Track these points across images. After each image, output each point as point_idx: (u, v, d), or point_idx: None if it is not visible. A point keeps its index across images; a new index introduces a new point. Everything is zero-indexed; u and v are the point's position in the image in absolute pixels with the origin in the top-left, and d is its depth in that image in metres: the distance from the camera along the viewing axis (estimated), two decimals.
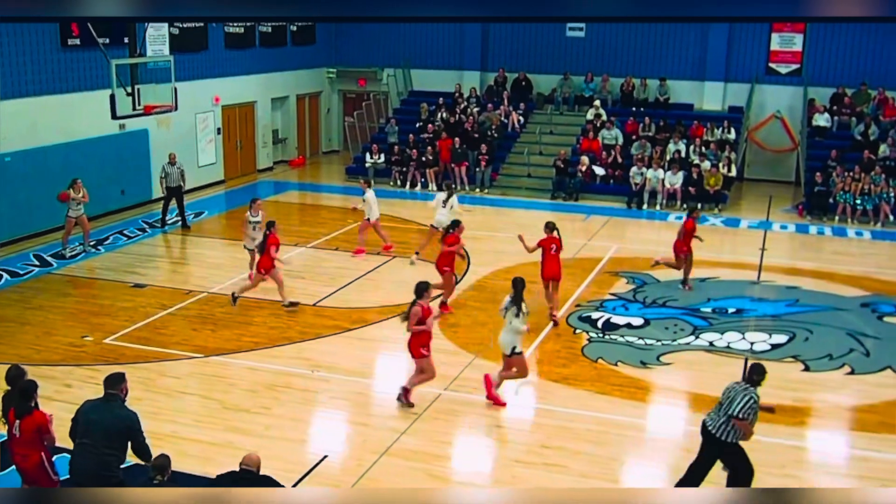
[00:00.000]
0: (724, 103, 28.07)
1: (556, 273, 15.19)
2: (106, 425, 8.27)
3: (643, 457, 10.99)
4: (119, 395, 8.47)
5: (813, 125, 26.35)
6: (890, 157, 24.53)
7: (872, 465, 10.77)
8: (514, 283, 12.07)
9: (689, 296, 16.67)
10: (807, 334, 14.96)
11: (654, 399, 12.62)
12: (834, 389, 12.92)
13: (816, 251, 20.73)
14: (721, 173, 24.51)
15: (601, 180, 25.49)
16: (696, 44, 28.04)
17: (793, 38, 27.35)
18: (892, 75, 26.36)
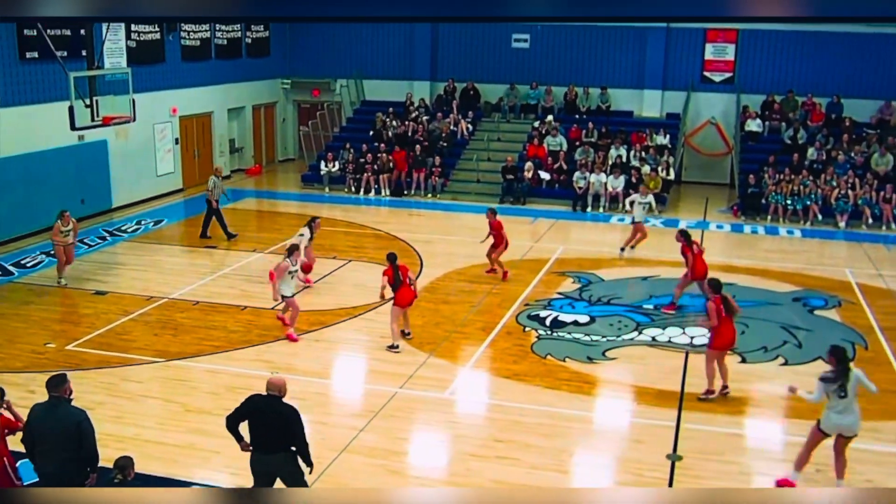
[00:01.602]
0: (662, 110, 28.41)
1: (704, 271, 15.91)
2: (57, 429, 8.07)
3: (591, 448, 11.09)
4: (63, 396, 8.25)
5: (745, 130, 26.79)
6: (817, 159, 25.02)
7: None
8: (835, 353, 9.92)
9: (632, 293, 16.84)
10: (743, 328, 15.15)
11: (601, 392, 12.73)
12: (769, 380, 13.12)
13: (751, 249, 21.06)
14: (660, 177, 24.81)
15: (547, 185, 25.65)
16: (635, 53, 28.35)
17: (725, 47, 27.78)
18: (818, 82, 26.91)
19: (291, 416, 8.39)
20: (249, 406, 8.53)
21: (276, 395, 8.43)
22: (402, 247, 19.99)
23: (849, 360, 9.95)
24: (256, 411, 8.44)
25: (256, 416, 8.44)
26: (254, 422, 8.46)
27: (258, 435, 8.45)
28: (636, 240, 19.75)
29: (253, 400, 8.58)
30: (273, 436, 8.38)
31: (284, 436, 8.37)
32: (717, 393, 12.29)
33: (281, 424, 8.36)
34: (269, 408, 8.38)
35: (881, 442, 11.23)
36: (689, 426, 11.45)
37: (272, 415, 8.37)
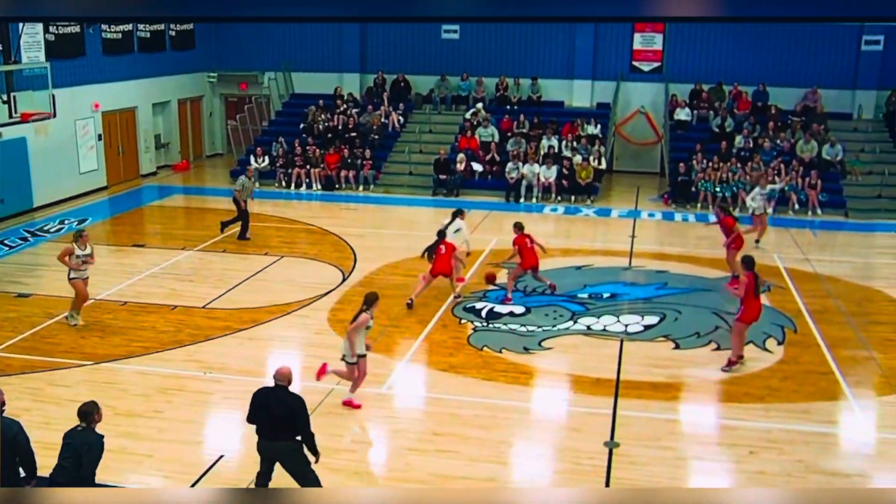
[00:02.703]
0: (593, 100, 28.74)
1: (535, 262, 15.94)
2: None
3: (530, 438, 11.18)
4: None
5: (674, 119, 27.26)
6: (745, 147, 25.58)
7: (740, 433, 11.22)
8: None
9: (566, 283, 17.02)
10: (676, 314, 15.48)
11: (538, 382, 12.85)
12: (702, 365, 13.40)
13: (682, 237, 21.45)
14: (592, 166, 25.11)
15: (479, 176, 25.76)
16: (565, 44, 28.61)
17: (653, 37, 28.21)
18: (744, 72, 27.50)
19: (297, 405, 8.65)
20: (259, 398, 8.83)
21: (282, 385, 8.73)
22: (334, 241, 19.91)
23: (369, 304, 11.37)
24: (263, 401, 8.75)
25: (264, 405, 8.73)
26: (260, 411, 8.75)
27: (264, 423, 8.72)
28: (759, 232, 19.91)
29: (261, 391, 8.89)
30: (278, 424, 8.65)
31: (289, 425, 8.65)
32: (739, 363, 13.04)
33: (286, 414, 8.62)
34: (276, 397, 8.70)
35: (810, 422, 11.56)
36: (625, 413, 11.63)
37: (278, 404, 8.66)
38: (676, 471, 10.31)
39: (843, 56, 27.27)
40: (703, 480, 10.27)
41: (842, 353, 13.85)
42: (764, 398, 12.21)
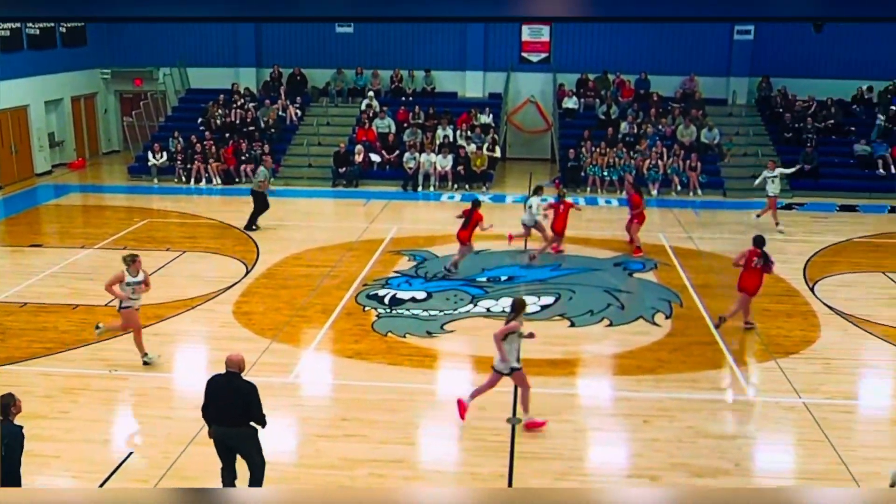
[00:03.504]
0: (485, 90, 28.97)
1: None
2: None
3: (436, 418, 11.24)
4: None
5: (563, 108, 27.71)
6: (629, 133, 26.20)
7: (633, 403, 11.53)
8: None
9: (465, 268, 17.14)
10: (570, 294, 15.78)
11: (442, 365, 12.93)
12: (596, 341, 13.72)
13: (573, 219, 21.68)
14: (486, 154, 25.34)
15: (378, 166, 25.70)
16: (456, 37, 28.73)
17: (541, 30, 28.57)
18: (627, 61, 28.14)
19: (249, 391, 8.63)
20: (211, 385, 8.78)
21: (234, 372, 8.70)
22: (236, 235, 19.57)
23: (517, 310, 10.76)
24: (216, 388, 8.72)
25: (216, 393, 8.69)
26: (213, 398, 8.70)
27: (218, 409, 8.66)
28: (772, 213, 20.73)
29: (213, 379, 8.85)
30: (231, 411, 8.61)
31: (242, 411, 8.61)
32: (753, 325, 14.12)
33: (238, 400, 8.59)
34: (228, 384, 8.67)
35: (698, 390, 11.97)
36: None
37: (230, 390, 8.64)
38: (576, 442, 10.53)
39: (717, 45, 28.18)
40: (601, 450, 10.53)
41: (725, 324, 14.36)
42: (655, 370, 12.58)
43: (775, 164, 21.63)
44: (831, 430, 10.81)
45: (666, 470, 9.85)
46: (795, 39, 27.33)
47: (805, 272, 17.43)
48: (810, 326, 14.42)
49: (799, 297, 15.97)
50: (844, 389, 12.15)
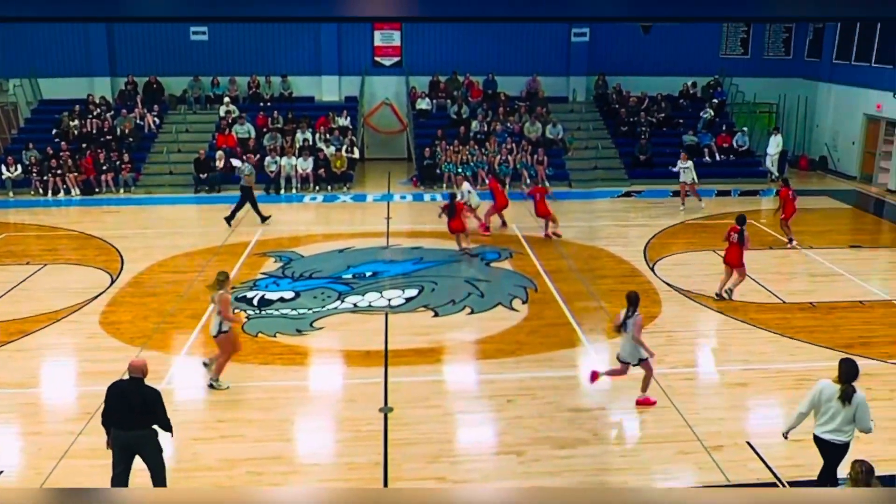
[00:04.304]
0: (341, 94, 28.80)
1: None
2: None
3: (310, 413, 11.14)
4: None
5: (417, 109, 27.87)
6: (480, 131, 26.63)
7: (497, 385, 11.76)
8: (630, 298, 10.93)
9: (330, 266, 17.02)
10: (433, 286, 15.92)
11: (313, 361, 12.79)
12: (459, 328, 13.90)
13: (431, 215, 21.90)
14: (345, 156, 25.21)
15: (239, 171, 25.11)
16: (311, 43, 28.42)
17: (392, 34, 28.63)
18: (475, 63, 28.56)
19: (152, 397, 8.48)
20: (112, 392, 8.54)
21: (137, 377, 8.50)
22: (98, 245, 18.75)
23: (634, 303, 10.79)
24: (119, 394, 8.49)
25: (118, 398, 8.46)
26: (116, 403, 8.46)
27: (120, 414, 8.44)
28: (682, 195, 22.62)
29: (115, 385, 8.62)
30: (133, 416, 8.42)
31: (145, 415, 8.45)
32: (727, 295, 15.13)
33: (142, 405, 8.43)
34: (132, 389, 8.47)
35: (556, 368, 12.33)
36: (395, 380, 11.86)
37: (135, 396, 8.44)
38: (445, 426, 10.65)
39: (556, 47, 28.99)
40: (469, 431, 10.68)
41: (576, 305, 14.85)
42: (515, 352, 12.87)
43: (687, 156, 22.98)
44: (676, 396, 11.36)
45: (531, 444, 10.11)
46: (627, 40, 28.45)
47: (645, 254, 18.21)
48: (652, 303, 15.08)
49: (641, 276, 16.66)
50: (685, 359, 12.78)
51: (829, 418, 8.36)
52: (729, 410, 11.09)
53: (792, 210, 18.64)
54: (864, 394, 8.41)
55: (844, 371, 8.37)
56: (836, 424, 8.33)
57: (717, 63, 29.57)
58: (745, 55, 29.90)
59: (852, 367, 8.39)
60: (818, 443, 8.53)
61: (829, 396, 8.36)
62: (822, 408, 8.42)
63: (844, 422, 8.32)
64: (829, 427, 8.38)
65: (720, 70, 29.42)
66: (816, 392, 8.44)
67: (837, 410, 8.31)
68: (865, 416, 8.30)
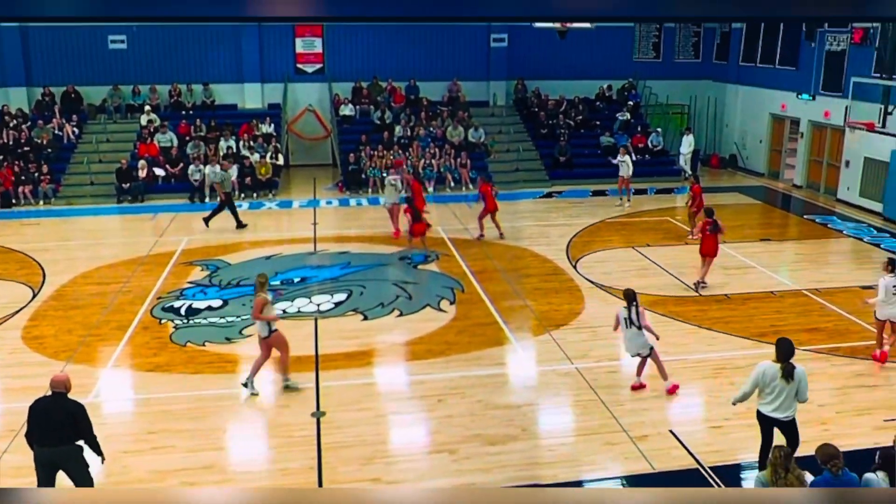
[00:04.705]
0: (264, 101, 28.43)
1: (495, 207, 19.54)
2: None
3: (243, 421, 10.97)
4: None
5: (340, 115, 27.71)
6: (404, 135, 26.62)
7: (427, 385, 11.78)
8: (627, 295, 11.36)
9: (258, 273, 16.75)
10: (361, 289, 15.85)
11: (243, 369, 12.56)
12: (389, 331, 13.86)
13: (358, 219, 21.90)
14: (270, 163, 24.91)
15: (163, 180, 24.61)
16: (232, 50, 27.99)
17: (314, 41, 28.41)
18: (396, 69, 28.53)
19: (77, 411, 8.26)
20: (34, 408, 8.29)
21: (60, 392, 8.28)
22: (19, 258, 18.11)
23: (632, 298, 11.20)
24: (42, 410, 8.23)
25: (42, 415, 8.21)
26: (39, 420, 8.22)
27: (43, 431, 8.20)
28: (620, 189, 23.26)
29: (37, 402, 8.35)
30: (57, 432, 8.19)
31: (70, 430, 8.23)
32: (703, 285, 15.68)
33: (66, 420, 8.20)
34: (55, 405, 8.23)
35: (484, 367, 12.40)
36: (326, 384, 11.78)
37: (58, 411, 8.21)
38: (378, 427, 10.61)
39: (476, 52, 29.18)
40: (402, 432, 10.67)
41: (502, 304, 14.97)
42: (444, 352, 12.90)
43: (626, 150, 23.67)
44: (601, 389, 11.56)
45: (463, 442, 10.15)
46: (544, 45, 28.80)
47: (568, 252, 18.47)
48: (576, 300, 15.31)
49: (564, 274, 16.89)
50: (609, 353, 13.00)
51: (776, 396, 8.79)
52: (652, 401, 11.33)
53: (701, 204, 19.24)
54: (803, 368, 8.88)
55: (782, 350, 8.84)
56: (781, 400, 8.76)
57: (630, 67, 30.19)
58: (658, 59, 30.61)
59: (789, 345, 8.85)
60: (765, 421, 8.94)
61: (773, 376, 8.77)
62: (766, 388, 8.84)
63: (789, 398, 8.77)
64: (775, 405, 8.81)
65: (634, 73, 30.04)
66: (759, 373, 8.85)
67: (782, 388, 8.74)
68: (805, 388, 8.82)
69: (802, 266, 17.71)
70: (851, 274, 17.13)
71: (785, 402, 8.76)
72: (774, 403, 8.78)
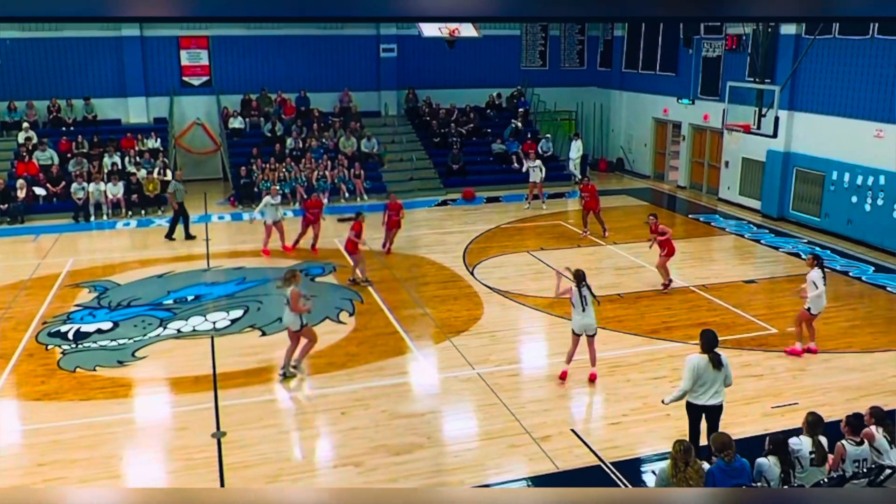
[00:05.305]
0: (149, 115, 27.66)
1: None
2: None
3: (139, 447, 10.60)
4: None
5: (230, 128, 27.21)
6: (296, 147, 26.34)
7: (330, 399, 11.67)
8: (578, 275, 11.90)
9: (150, 292, 16.30)
10: (258, 305, 15.58)
11: (138, 392, 12.18)
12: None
13: (252, 234, 21.43)
14: (157, 179, 24.21)
15: (44, 200, 23.59)
16: (114, 62, 27.11)
17: (199, 53, 27.80)
18: (285, 80, 28.24)
19: None
20: None
21: None
22: None
23: (583, 279, 11.77)
24: None
25: None
26: None
27: None
28: (538, 189, 23.78)
29: None
30: None
31: None
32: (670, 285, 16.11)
33: None
34: None
35: (387, 377, 12.38)
36: (226, 403, 11.52)
37: None
38: (281, 444, 10.45)
39: (366, 62, 29.18)
40: (306, 447, 10.54)
41: (402, 313, 14.99)
42: (345, 364, 12.82)
43: (536, 155, 24.44)
44: (503, 392, 11.71)
45: (368, 454, 10.10)
46: (433, 55, 29.05)
47: (464, 258, 18.65)
48: (474, 305, 15.47)
49: (462, 281, 17.04)
50: (509, 356, 13.19)
51: (709, 387, 9.21)
52: (552, 401, 11.54)
53: (594, 204, 19.93)
54: (725, 354, 9.37)
55: (706, 341, 9.30)
56: (715, 388, 9.22)
57: (519, 75, 30.77)
58: (545, 66, 31.29)
59: (712, 336, 9.33)
60: (696, 411, 9.32)
61: (705, 368, 9.18)
62: (700, 380, 9.19)
63: (721, 385, 9.25)
64: (710, 393, 9.23)
65: (522, 81, 30.63)
66: (693, 367, 9.23)
67: (714, 377, 9.18)
68: (731, 373, 9.36)
69: (689, 264, 18.38)
70: (735, 269, 17.91)
71: (718, 388, 9.24)
72: (709, 393, 9.23)
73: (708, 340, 9.26)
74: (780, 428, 10.08)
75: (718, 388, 9.25)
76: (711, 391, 9.21)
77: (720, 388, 9.27)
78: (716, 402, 9.27)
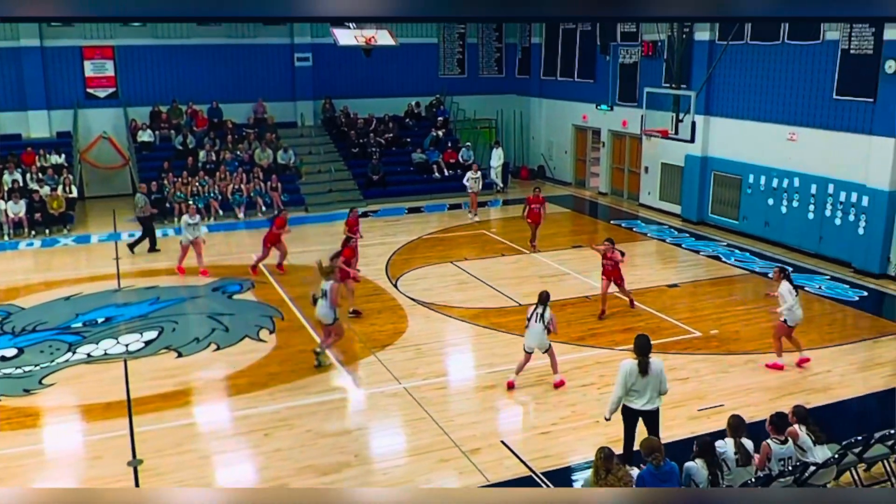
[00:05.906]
0: (52, 130, 26.80)
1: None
2: None
3: (47, 479, 10.18)
4: None
5: (139, 141, 26.57)
6: (209, 160, 25.90)
7: (252, 420, 11.46)
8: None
9: (57, 316, 15.77)
10: (174, 325, 15.23)
11: (47, 421, 11.75)
12: (207, 367, 13.39)
13: (165, 251, 20.92)
14: (62, 196, 23.48)
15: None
16: (12, 74, 26.21)
17: (104, 63, 27.10)
18: (197, 91, 27.75)
19: None
20: None
21: None
22: None
23: (546, 301, 12.06)
24: None
25: None
26: None
27: None
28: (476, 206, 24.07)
29: None
30: None
31: None
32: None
33: None
34: None
35: (311, 395, 12.24)
36: (142, 429, 11.21)
37: None
38: (202, 469, 10.21)
39: (281, 72, 28.90)
40: (227, 471, 10.32)
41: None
42: (267, 383, 12.62)
43: (478, 167, 24.68)
44: (430, 406, 11.70)
45: (294, 475, 9.96)
46: (350, 64, 28.95)
47: (387, 271, 18.61)
48: (399, 318, 15.44)
49: (385, 294, 17.00)
50: (435, 369, 13.19)
51: (642, 391, 9.34)
52: (481, 413, 11.59)
53: (537, 215, 19.87)
54: (661, 361, 9.51)
55: (639, 346, 9.45)
56: (649, 393, 9.34)
57: (438, 83, 30.92)
58: (463, 74, 31.52)
59: (644, 341, 9.47)
60: (632, 415, 9.46)
61: (636, 373, 9.31)
62: (634, 385, 9.31)
63: (654, 389, 9.36)
64: (644, 399, 9.37)
65: (441, 89, 30.79)
66: (625, 373, 9.37)
67: (645, 383, 9.30)
68: (665, 380, 9.44)
69: None
70: (658, 274, 18.33)
71: (652, 392, 9.37)
72: (643, 398, 9.37)
73: (639, 346, 9.43)
74: (707, 430, 10.34)
75: (652, 395, 9.39)
76: (645, 397, 9.36)
77: (653, 394, 9.40)
78: (651, 407, 9.43)
